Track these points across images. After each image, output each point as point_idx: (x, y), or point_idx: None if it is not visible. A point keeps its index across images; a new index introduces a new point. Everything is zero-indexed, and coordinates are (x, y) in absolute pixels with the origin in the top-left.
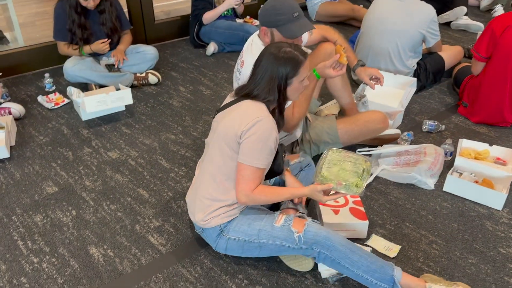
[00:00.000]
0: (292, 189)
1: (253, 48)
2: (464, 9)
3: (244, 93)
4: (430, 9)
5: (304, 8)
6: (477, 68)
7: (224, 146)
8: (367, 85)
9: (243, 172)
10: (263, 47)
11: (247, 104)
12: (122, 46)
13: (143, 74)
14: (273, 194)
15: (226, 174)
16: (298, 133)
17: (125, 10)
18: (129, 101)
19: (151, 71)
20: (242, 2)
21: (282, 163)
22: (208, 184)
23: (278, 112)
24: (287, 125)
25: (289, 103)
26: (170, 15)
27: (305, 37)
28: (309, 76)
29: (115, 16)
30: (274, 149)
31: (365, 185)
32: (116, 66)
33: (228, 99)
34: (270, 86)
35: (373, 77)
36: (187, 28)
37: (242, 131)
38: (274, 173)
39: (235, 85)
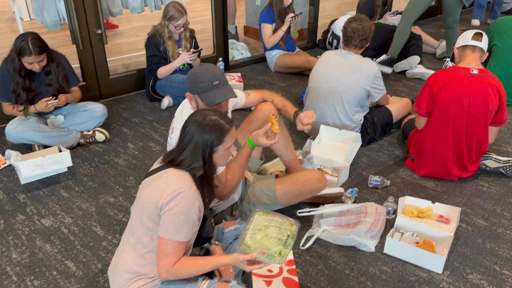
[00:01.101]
0: (214, 259)
1: (183, 114)
2: (417, 58)
3: (169, 160)
4: (373, 66)
5: (262, 60)
6: (420, 123)
7: (145, 217)
8: (313, 140)
9: (164, 247)
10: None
11: (170, 173)
12: (70, 96)
13: (90, 132)
14: (195, 266)
15: (147, 247)
16: (236, 196)
17: (78, 65)
18: (68, 163)
19: (99, 128)
20: (199, 56)
21: (211, 229)
22: (129, 257)
23: (206, 180)
24: (220, 192)
25: (222, 168)
26: (130, 68)
27: (243, 98)
28: (244, 145)
29: (62, 76)
30: (197, 220)
31: (289, 252)
32: (51, 102)
33: (156, 164)
34: (195, 154)
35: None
36: (144, 82)
37: (162, 203)
38: (202, 240)
39: (168, 150)
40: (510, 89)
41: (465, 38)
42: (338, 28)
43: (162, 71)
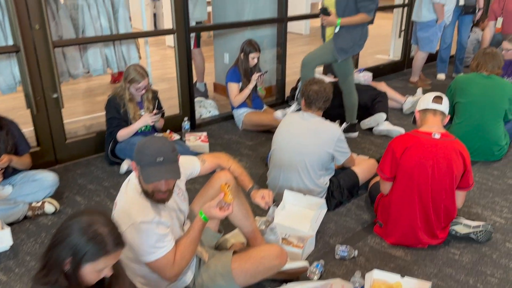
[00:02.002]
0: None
1: (128, 188)
2: (383, 115)
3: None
4: (335, 129)
5: (231, 117)
6: (385, 187)
7: None
8: (276, 207)
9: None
10: (138, 187)
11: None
12: (16, 158)
13: (39, 204)
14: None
15: None
16: (188, 277)
17: (31, 129)
18: (8, 242)
19: (49, 199)
20: (162, 116)
21: None
22: None
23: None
24: (168, 274)
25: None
26: (91, 129)
27: (197, 167)
28: (196, 218)
29: (11, 144)
30: None
31: None
32: None
33: None
34: (56, 259)
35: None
36: (104, 145)
37: None
38: None
39: None
40: (476, 146)
41: (426, 101)
42: None
43: (122, 134)
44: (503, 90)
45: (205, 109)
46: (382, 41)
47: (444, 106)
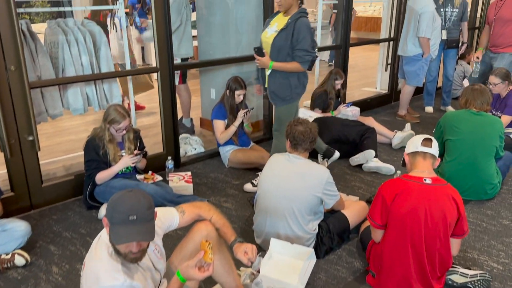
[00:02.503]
0: None
1: (98, 246)
2: (372, 152)
3: None
4: (323, 171)
5: (217, 154)
6: (377, 235)
7: None
8: (262, 257)
9: None
10: (109, 245)
11: None
12: None
13: (9, 256)
14: None
15: None
16: None
17: (4, 172)
18: None
19: (19, 250)
20: (145, 157)
21: None
22: None
23: None
24: None
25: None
26: (70, 170)
27: (176, 220)
28: (173, 278)
29: None
30: None
31: None
32: None
33: None
34: None
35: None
36: (83, 187)
37: None
38: None
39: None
40: (469, 185)
41: (415, 144)
42: None
43: (101, 177)
44: (493, 127)
45: (191, 146)
46: (370, 73)
47: (434, 149)
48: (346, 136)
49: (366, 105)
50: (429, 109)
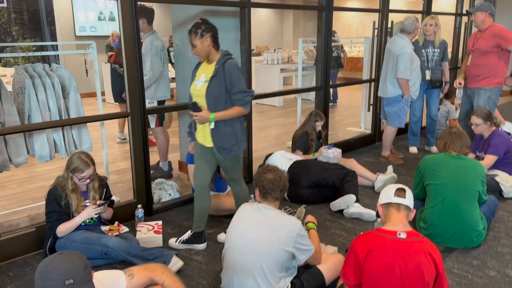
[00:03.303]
0: None
1: None
2: (353, 197)
3: None
4: (294, 223)
5: (191, 200)
6: None
7: None
8: None
9: None
10: None
11: None
12: None
13: None
14: None
15: None
16: None
17: None
18: None
19: None
20: (111, 206)
21: None
22: None
23: None
24: None
25: None
26: (35, 221)
27: (122, 284)
28: None
29: None
30: None
31: None
32: None
33: None
34: None
35: None
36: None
37: None
38: None
39: None
40: (452, 232)
41: (388, 194)
42: (272, 163)
43: (63, 229)
44: (475, 171)
45: (165, 192)
46: (355, 112)
47: (408, 200)
48: (325, 180)
49: (349, 146)
50: (414, 149)
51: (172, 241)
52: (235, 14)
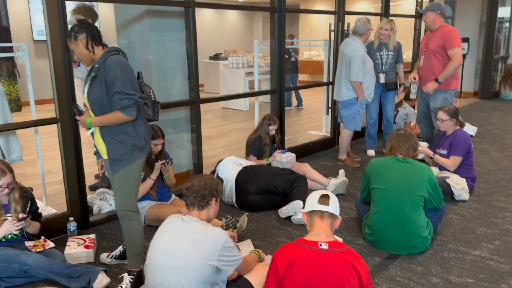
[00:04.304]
0: None
1: None
2: (300, 203)
3: None
4: (219, 235)
5: None
6: None
7: None
8: None
9: None
10: None
11: None
12: None
13: None
14: None
15: None
16: None
17: None
18: None
19: None
20: (37, 219)
21: None
22: None
23: None
24: None
25: None
26: None
27: None
28: None
29: None
30: None
31: None
32: None
33: None
34: None
35: None
36: None
37: None
38: None
39: None
40: (397, 239)
41: (312, 201)
42: (222, 169)
43: None
44: (420, 175)
45: (107, 202)
46: (319, 116)
47: (332, 207)
48: (274, 185)
49: (308, 150)
50: (371, 152)
51: (104, 256)
52: (181, 15)
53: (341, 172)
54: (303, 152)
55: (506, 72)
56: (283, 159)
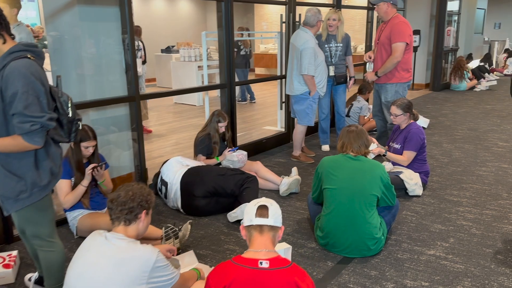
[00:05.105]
0: None
1: None
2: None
3: None
4: (148, 255)
5: (64, 222)
6: None
7: None
8: None
9: None
10: None
11: None
12: None
13: None
14: None
15: None
16: None
17: None
18: None
19: None
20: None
21: None
22: None
23: None
24: None
25: None
26: None
27: None
28: None
29: None
30: None
31: None
32: None
33: None
34: None
35: None
36: None
37: None
38: None
39: None
40: (349, 242)
41: (249, 214)
42: (166, 171)
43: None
44: (372, 173)
45: None
46: (273, 110)
47: (272, 219)
48: (223, 187)
49: (261, 146)
50: (326, 147)
51: (27, 278)
52: (115, 2)
53: (294, 170)
54: (257, 149)
55: (456, 64)
56: (234, 157)
